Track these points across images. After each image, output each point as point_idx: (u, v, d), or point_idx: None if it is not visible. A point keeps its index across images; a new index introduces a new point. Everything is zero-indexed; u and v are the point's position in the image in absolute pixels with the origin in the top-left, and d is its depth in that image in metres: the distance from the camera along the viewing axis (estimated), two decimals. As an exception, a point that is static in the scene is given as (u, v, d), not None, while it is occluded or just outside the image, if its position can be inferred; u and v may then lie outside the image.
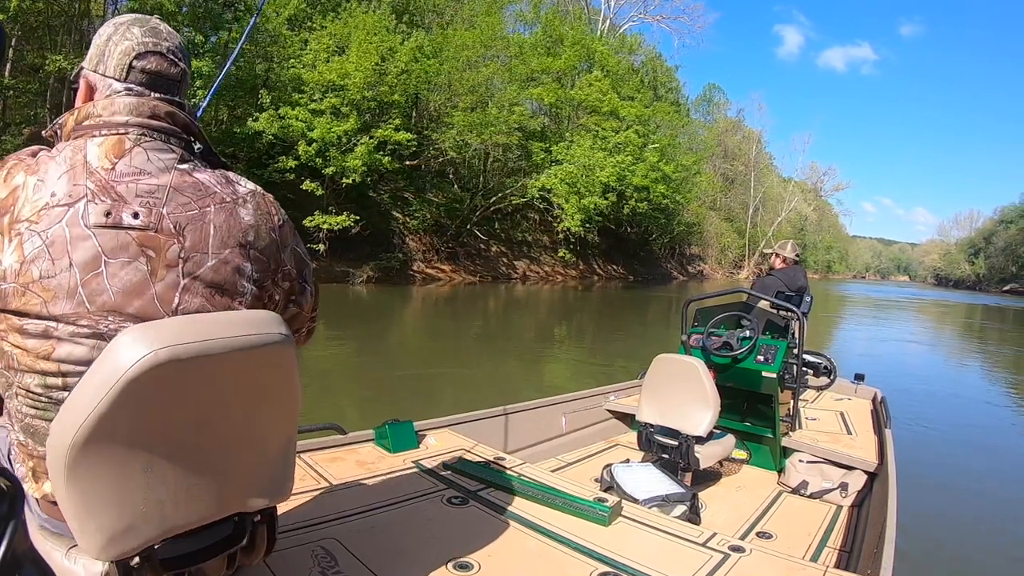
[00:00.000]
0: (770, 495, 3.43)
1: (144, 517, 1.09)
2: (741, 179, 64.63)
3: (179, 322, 1.08)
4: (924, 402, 8.63)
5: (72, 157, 1.08)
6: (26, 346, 1.05)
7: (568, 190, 27.90)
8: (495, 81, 26.15)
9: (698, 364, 3.29)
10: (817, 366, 4.72)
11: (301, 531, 1.78)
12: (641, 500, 2.68)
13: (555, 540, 1.87)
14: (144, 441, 1.06)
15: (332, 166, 19.74)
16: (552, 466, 3.51)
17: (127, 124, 1.14)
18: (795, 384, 3.77)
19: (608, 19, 42.81)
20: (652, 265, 44.62)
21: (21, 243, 1.02)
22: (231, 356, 1.09)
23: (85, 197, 1.06)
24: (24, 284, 1.02)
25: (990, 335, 23.06)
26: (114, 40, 1.19)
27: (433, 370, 9.15)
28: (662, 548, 1.88)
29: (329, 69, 19.58)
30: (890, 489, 2.72)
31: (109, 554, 1.06)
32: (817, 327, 16.17)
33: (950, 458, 6.08)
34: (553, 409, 3.88)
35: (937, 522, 4.21)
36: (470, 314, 17.50)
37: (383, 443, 2.59)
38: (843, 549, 2.79)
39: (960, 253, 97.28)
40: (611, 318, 18.99)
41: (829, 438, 3.72)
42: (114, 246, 1.06)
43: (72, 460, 1.00)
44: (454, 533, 1.88)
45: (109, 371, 1.00)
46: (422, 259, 25.41)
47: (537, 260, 32.84)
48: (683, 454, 3.23)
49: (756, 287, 4.62)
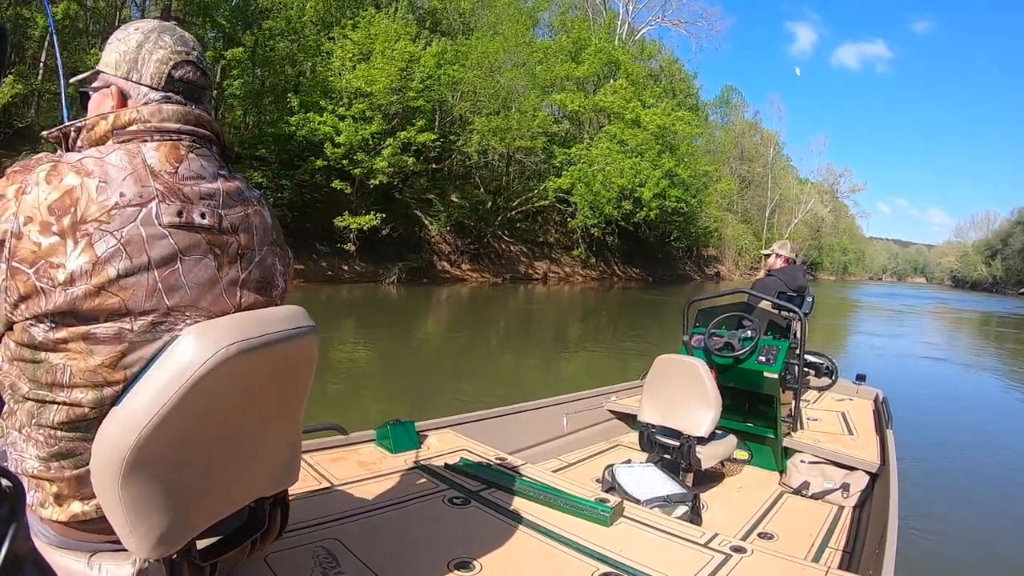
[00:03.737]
0: (771, 496, 3.36)
1: (190, 510, 1.10)
2: (758, 181, 63.91)
3: (236, 320, 1.11)
4: (925, 403, 8.51)
5: (130, 160, 1.07)
6: (90, 352, 1.00)
7: (585, 190, 27.78)
8: (518, 86, 26.09)
9: (699, 364, 3.23)
10: (818, 367, 4.64)
11: (302, 531, 1.75)
12: (642, 501, 2.63)
13: (556, 540, 1.84)
14: (198, 437, 1.07)
15: (360, 168, 19.84)
16: (553, 466, 3.45)
17: (179, 131, 1.14)
18: (796, 385, 3.68)
19: (627, 23, 42.35)
20: (670, 267, 44.30)
21: (91, 243, 0.99)
22: (279, 348, 1.13)
23: (156, 198, 1.06)
24: (99, 285, 0.99)
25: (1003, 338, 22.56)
26: (147, 48, 1.17)
27: (450, 369, 9.20)
28: (663, 549, 1.85)
29: (356, 76, 19.68)
30: (891, 490, 2.66)
31: (159, 552, 1.05)
32: (826, 335, 15.95)
33: (952, 459, 5.98)
34: (554, 409, 3.82)
35: (939, 523, 4.12)
36: (492, 313, 17.61)
37: (384, 443, 2.56)
38: (844, 550, 2.72)
39: (977, 255, 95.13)
40: (629, 318, 18.93)
41: (830, 439, 3.64)
42: (187, 244, 1.08)
43: (130, 465, 0.98)
44: (455, 533, 1.85)
45: (177, 370, 1.00)
46: (447, 260, 25.52)
47: (558, 261, 32.76)
48: (684, 454, 3.17)
49: (756, 287, 4.53)
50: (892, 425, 3.72)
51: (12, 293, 0.98)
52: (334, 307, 15.08)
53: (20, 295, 0.98)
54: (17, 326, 0.99)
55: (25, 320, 0.98)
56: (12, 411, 1.05)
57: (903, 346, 15.61)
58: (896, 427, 3.71)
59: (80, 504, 1.05)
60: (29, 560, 0.66)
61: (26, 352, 1.00)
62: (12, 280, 0.98)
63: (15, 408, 1.04)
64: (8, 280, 0.98)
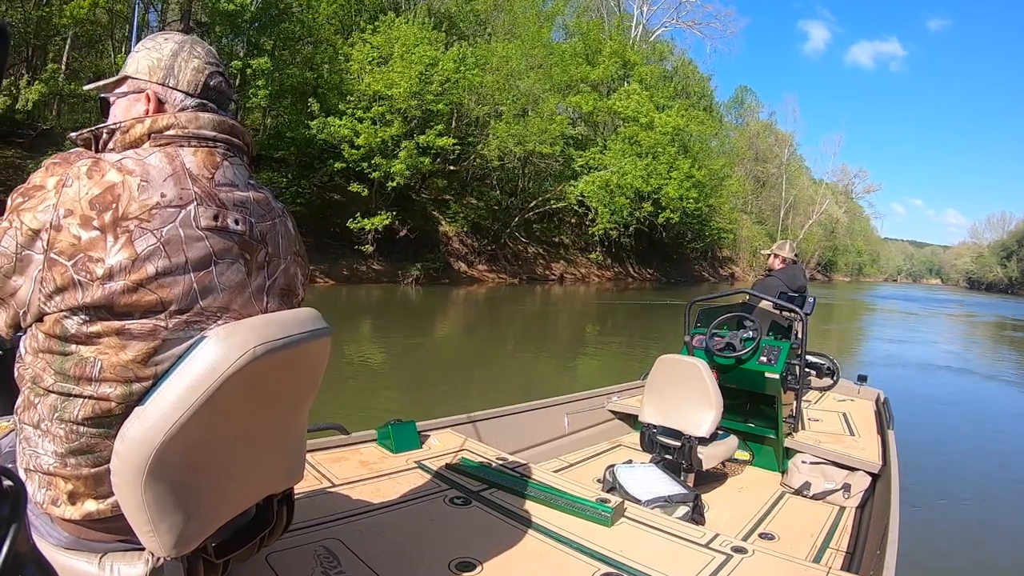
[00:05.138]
0: (773, 496, 3.32)
1: (209, 508, 1.10)
2: (773, 181, 63.23)
3: (260, 321, 1.12)
4: (926, 404, 8.43)
5: (170, 163, 1.08)
6: (123, 347, 1.01)
7: (603, 195, 27.69)
8: (536, 90, 26.03)
9: (700, 365, 3.20)
10: (820, 367, 4.58)
11: (303, 531, 1.75)
12: (643, 501, 2.62)
13: (557, 541, 1.83)
14: (219, 436, 1.08)
15: (378, 171, 19.86)
16: (554, 467, 3.43)
17: (215, 139, 1.16)
18: (798, 385, 3.63)
19: (641, 24, 42.00)
20: (684, 268, 44.01)
21: (131, 240, 0.99)
22: (298, 349, 1.15)
23: (194, 201, 1.07)
24: (137, 281, 1.00)
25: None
26: (182, 57, 1.19)
27: (467, 369, 9.24)
28: (664, 549, 1.84)
29: (375, 79, 19.71)
30: (893, 490, 2.64)
31: (178, 550, 1.06)
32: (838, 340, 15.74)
33: (953, 460, 5.92)
34: (556, 409, 3.80)
35: (940, 524, 4.08)
36: (508, 313, 17.64)
37: (385, 443, 2.55)
38: (845, 550, 2.69)
39: (992, 256, 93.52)
40: (642, 319, 18.83)
41: (832, 439, 3.60)
42: (222, 248, 1.10)
43: (154, 464, 0.99)
44: (456, 533, 1.84)
45: (205, 370, 1.01)
46: (464, 261, 25.53)
47: (574, 262, 32.68)
48: (686, 455, 3.14)
49: (757, 288, 4.47)
50: (893, 426, 3.68)
51: (48, 284, 0.98)
52: (355, 307, 15.23)
53: (56, 287, 0.98)
54: (49, 317, 0.99)
55: (59, 312, 0.98)
56: (30, 405, 1.04)
57: (907, 348, 15.38)
58: (897, 428, 3.66)
59: (95, 503, 1.04)
60: (30, 560, 0.65)
61: (55, 344, 1.00)
62: (49, 271, 0.98)
63: (35, 401, 1.03)
64: (45, 271, 0.98)
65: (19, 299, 1.00)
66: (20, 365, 1.06)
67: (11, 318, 1.03)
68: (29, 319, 1.01)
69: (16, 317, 1.03)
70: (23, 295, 1.00)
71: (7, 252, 0.98)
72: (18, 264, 0.99)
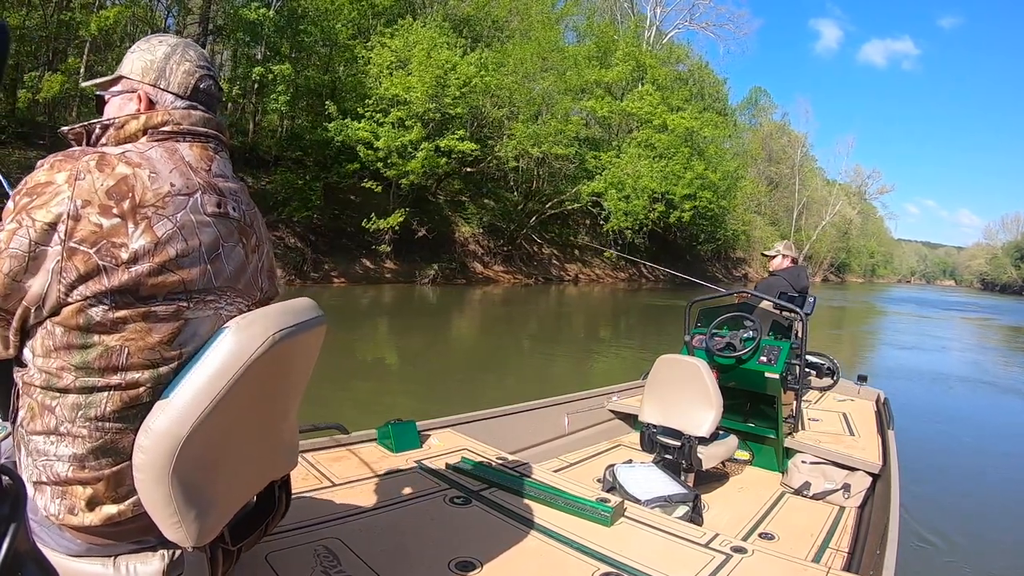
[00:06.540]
0: (772, 496, 3.28)
1: (225, 495, 1.11)
2: (785, 182, 62.51)
3: (274, 310, 1.18)
4: (927, 404, 8.32)
5: (171, 156, 1.13)
6: (149, 331, 1.03)
7: (616, 195, 27.57)
8: (551, 91, 25.94)
9: (700, 365, 3.17)
10: (820, 367, 4.53)
11: (303, 530, 1.75)
12: (643, 501, 2.60)
13: (557, 540, 1.82)
14: (238, 423, 1.09)
15: (393, 168, 19.74)
16: (554, 466, 3.41)
17: (208, 135, 1.22)
18: (798, 385, 3.58)
19: (655, 26, 41.61)
20: (698, 269, 43.72)
21: (151, 226, 1.03)
22: (305, 335, 1.19)
23: (200, 190, 1.14)
24: (161, 263, 1.04)
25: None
26: (174, 60, 1.22)
27: (481, 367, 9.25)
28: (664, 549, 1.83)
29: (393, 83, 19.67)
30: (893, 491, 2.61)
31: (203, 540, 1.07)
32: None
33: (953, 460, 5.84)
34: (556, 409, 3.77)
35: (940, 524, 4.00)
36: (523, 314, 17.64)
37: (386, 443, 2.55)
38: (845, 550, 2.66)
39: (1006, 257, 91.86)
40: (654, 318, 18.75)
41: (832, 439, 3.55)
42: (227, 232, 1.17)
43: (181, 456, 0.99)
44: (456, 533, 1.84)
45: (228, 359, 1.03)
46: (479, 261, 25.54)
47: (588, 263, 32.61)
48: (686, 455, 3.11)
49: (759, 287, 4.42)
50: (893, 426, 3.64)
51: (69, 273, 0.98)
52: (373, 306, 15.30)
53: (80, 274, 0.98)
54: (69, 308, 0.99)
55: (84, 300, 0.98)
56: (43, 411, 1.01)
57: (910, 350, 15.15)
58: (897, 428, 3.62)
59: (115, 505, 1.04)
60: (30, 559, 0.65)
61: (75, 337, 0.99)
62: (69, 261, 0.98)
63: (51, 405, 1.01)
64: (64, 261, 0.98)
65: (33, 295, 0.99)
66: (24, 374, 1.03)
67: (14, 332, 1.02)
68: (46, 312, 0.99)
69: (18, 331, 1.02)
70: (38, 290, 0.98)
71: (18, 253, 0.97)
72: (31, 263, 0.98)
